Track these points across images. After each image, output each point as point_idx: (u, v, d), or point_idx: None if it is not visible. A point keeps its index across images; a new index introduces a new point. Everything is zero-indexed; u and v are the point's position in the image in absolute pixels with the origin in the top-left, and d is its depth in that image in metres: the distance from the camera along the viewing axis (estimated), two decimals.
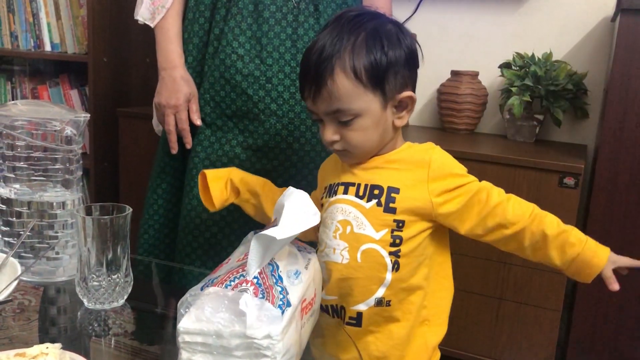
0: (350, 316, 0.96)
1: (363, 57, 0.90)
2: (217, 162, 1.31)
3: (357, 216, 0.94)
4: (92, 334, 0.85)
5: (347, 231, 0.94)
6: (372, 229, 0.93)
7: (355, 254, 0.93)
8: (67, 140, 0.97)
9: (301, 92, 0.96)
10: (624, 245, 1.49)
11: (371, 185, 0.95)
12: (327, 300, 0.98)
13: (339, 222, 0.95)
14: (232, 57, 1.26)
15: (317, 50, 0.90)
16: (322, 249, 0.99)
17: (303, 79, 0.94)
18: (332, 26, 0.92)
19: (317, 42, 0.92)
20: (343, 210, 0.96)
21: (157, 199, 1.42)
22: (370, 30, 0.91)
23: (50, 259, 0.97)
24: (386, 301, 0.95)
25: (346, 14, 0.94)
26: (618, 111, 1.46)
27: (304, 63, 0.94)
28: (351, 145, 0.94)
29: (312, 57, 0.91)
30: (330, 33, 0.91)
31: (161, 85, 1.31)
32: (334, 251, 0.95)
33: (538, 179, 1.53)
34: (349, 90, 0.90)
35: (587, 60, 1.89)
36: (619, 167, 1.47)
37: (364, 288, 0.94)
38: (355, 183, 0.97)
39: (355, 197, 0.95)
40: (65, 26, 2.31)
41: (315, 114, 0.95)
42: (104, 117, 2.27)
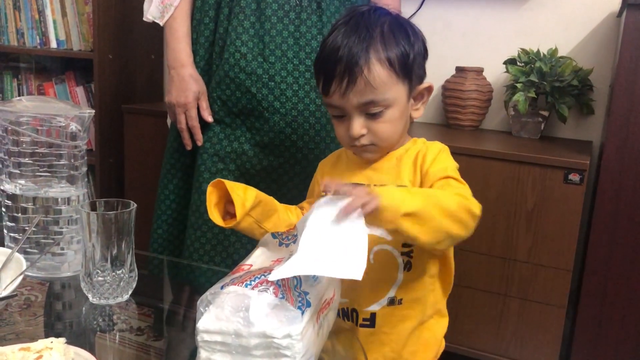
0: (364, 317, 0.96)
1: (394, 47, 0.90)
2: (226, 159, 1.32)
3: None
4: (97, 329, 0.85)
5: None
6: (381, 229, 0.92)
7: (368, 256, 0.92)
8: (72, 136, 0.97)
9: (325, 88, 0.93)
10: (629, 241, 1.48)
11: (380, 186, 0.93)
12: (339, 303, 0.98)
13: None
14: (236, 55, 1.26)
15: (347, 44, 0.89)
16: None
17: (329, 73, 0.91)
18: (349, 24, 0.91)
19: (337, 38, 0.90)
20: None
21: (168, 194, 1.43)
22: (390, 22, 0.92)
23: (55, 254, 0.98)
24: (398, 300, 0.96)
25: (357, 11, 0.93)
26: (624, 107, 1.45)
27: (329, 57, 0.91)
28: (379, 138, 0.94)
29: (342, 51, 0.89)
30: (352, 29, 0.90)
31: (171, 84, 1.32)
32: None
33: (543, 175, 1.52)
34: (385, 79, 0.90)
35: (592, 56, 1.88)
36: (625, 163, 1.46)
37: (376, 288, 0.94)
38: (363, 184, 0.95)
39: None
40: (71, 23, 2.32)
41: (340, 108, 0.93)
42: (109, 113, 2.28)
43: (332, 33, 0.92)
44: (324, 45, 0.93)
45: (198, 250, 1.34)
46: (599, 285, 1.53)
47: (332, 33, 0.93)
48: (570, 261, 1.55)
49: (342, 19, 0.93)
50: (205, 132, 1.33)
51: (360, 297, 0.95)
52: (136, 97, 2.39)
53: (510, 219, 1.57)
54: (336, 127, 0.97)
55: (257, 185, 1.32)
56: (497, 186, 1.58)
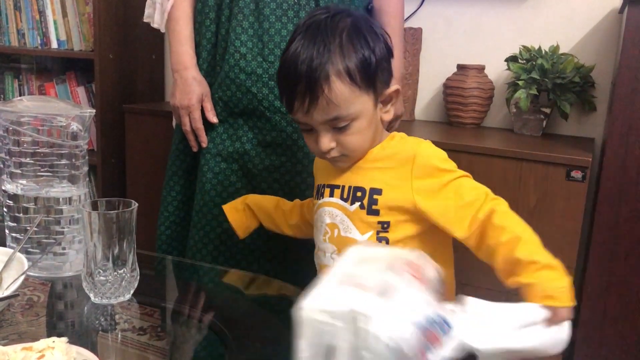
0: None
1: (353, 58, 0.87)
2: (229, 159, 1.32)
3: (343, 219, 0.94)
4: (99, 329, 0.85)
5: (335, 234, 0.95)
6: (357, 232, 0.93)
7: None
8: (73, 135, 0.97)
9: (288, 106, 0.91)
10: (632, 238, 1.48)
11: (354, 187, 0.94)
12: None
13: (327, 226, 0.96)
14: (235, 56, 1.26)
15: (305, 60, 0.86)
16: (316, 250, 1.01)
17: (290, 92, 0.89)
18: (308, 32, 0.88)
19: (296, 51, 0.87)
20: (330, 213, 0.96)
21: (175, 195, 1.43)
22: (350, 28, 0.88)
23: (57, 254, 0.98)
24: None
25: (316, 17, 0.90)
26: (626, 104, 1.45)
27: (288, 76, 0.89)
28: (349, 149, 0.92)
29: (300, 68, 0.86)
30: (310, 39, 0.87)
31: (174, 87, 1.33)
32: (324, 254, 0.97)
33: (545, 173, 1.52)
34: (347, 94, 0.87)
35: (594, 52, 1.88)
36: (627, 160, 1.46)
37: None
38: (339, 185, 0.96)
39: (340, 199, 0.95)
40: (72, 23, 2.32)
41: (306, 124, 0.92)
42: (110, 113, 2.28)
43: (291, 44, 0.89)
44: (284, 58, 0.90)
45: (201, 250, 1.34)
46: (602, 283, 1.52)
47: (291, 44, 0.89)
48: (572, 259, 1.54)
49: (301, 27, 0.90)
50: (209, 132, 1.33)
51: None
52: (137, 97, 2.39)
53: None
54: (306, 140, 0.96)
55: (259, 184, 1.33)
56: (498, 184, 1.58)
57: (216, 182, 1.32)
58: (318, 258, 1.00)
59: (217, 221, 1.32)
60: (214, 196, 1.32)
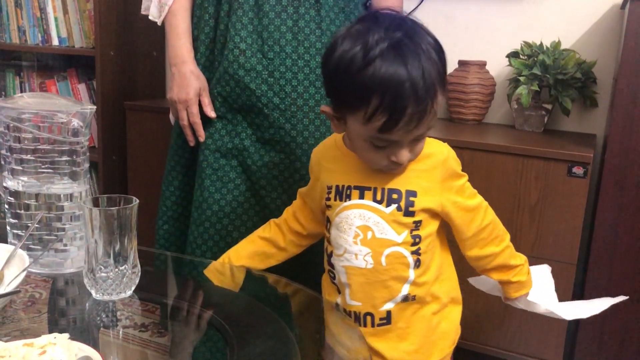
0: (380, 317, 0.97)
1: (443, 70, 0.86)
2: (228, 155, 1.32)
3: (377, 221, 0.93)
4: (101, 325, 0.85)
5: (369, 237, 0.93)
6: (394, 233, 0.93)
7: (380, 258, 0.93)
8: (74, 132, 0.97)
9: (384, 127, 0.83)
10: (633, 235, 1.48)
11: (388, 189, 0.93)
12: (352, 307, 0.98)
13: (358, 228, 0.94)
14: (235, 52, 1.26)
15: (412, 82, 0.80)
16: (340, 253, 0.97)
17: (398, 115, 0.82)
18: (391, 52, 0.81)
19: (394, 74, 0.80)
20: (362, 215, 0.94)
21: (174, 190, 1.43)
22: (429, 41, 0.86)
23: (58, 251, 0.98)
24: (411, 296, 0.96)
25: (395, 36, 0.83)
26: (627, 100, 1.45)
27: (395, 101, 0.81)
28: (415, 155, 0.91)
29: (407, 91, 0.80)
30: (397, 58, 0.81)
31: (172, 81, 1.32)
32: (356, 257, 0.94)
33: (546, 169, 1.52)
34: (442, 104, 0.89)
35: (596, 48, 1.87)
36: (629, 156, 1.45)
37: (390, 288, 0.95)
38: (371, 187, 0.94)
39: (373, 202, 0.93)
40: (73, 20, 2.32)
41: (388, 141, 0.86)
42: (111, 110, 2.28)
43: (369, 66, 0.81)
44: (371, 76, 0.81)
45: (201, 246, 1.34)
46: (603, 278, 1.52)
47: (368, 66, 0.81)
48: (574, 255, 1.54)
49: (379, 43, 0.81)
50: (207, 128, 1.33)
51: (375, 298, 0.96)
52: (138, 93, 2.39)
53: (513, 212, 1.57)
54: (368, 153, 0.89)
55: (258, 181, 1.33)
56: (500, 180, 1.57)
57: (215, 178, 1.32)
58: (346, 261, 0.96)
59: (217, 217, 1.32)
60: (214, 192, 1.32)
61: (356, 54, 0.82)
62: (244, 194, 1.34)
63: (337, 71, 0.85)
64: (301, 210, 1.10)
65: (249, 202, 1.34)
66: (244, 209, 1.34)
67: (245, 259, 1.10)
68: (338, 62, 0.84)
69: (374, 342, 0.97)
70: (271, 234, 1.12)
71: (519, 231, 1.57)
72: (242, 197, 1.34)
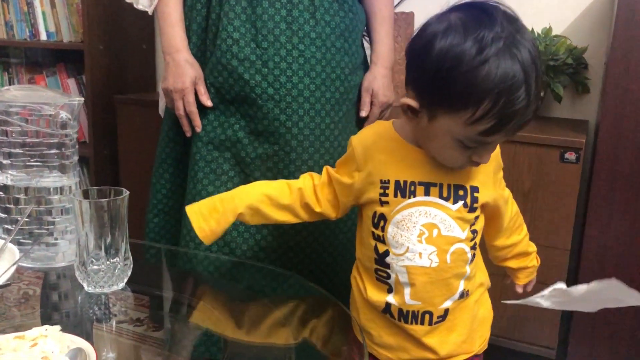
0: (438, 315, 0.94)
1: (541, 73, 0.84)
2: (221, 147, 1.31)
3: (444, 219, 0.89)
4: (94, 318, 0.85)
5: (434, 234, 0.89)
6: (460, 230, 0.90)
7: (445, 256, 0.90)
8: (62, 124, 0.96)
9: (487, 132, 0.79)
10: (626, 219, 1.48)
11: (454, 185, 0.89)
12: (411, 306, 0.93)
13: (423, 226, 0.89)
14: (228, 41, 1.25)
15: (531, 88, 0.76)
16: (401, 252, 0.91)
17: (504, 123, 0.78)
18: (504, 51, 0.75)
19: (513, 79, 0.75)
20: (427, 213, 0.89)
21: (164, 183, 1.42)
22: (532, 40, 0.82)
23: (49, 244, 0.97)
24: (466, 292, 0.95)
25: (508, 27, 0.77)
26: (619, 85, 1.45)
27: (511, 105, 0.76)
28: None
29: (521, 102, 0.76)
30: (525, 58, 0.76)
31: (166, 71, 1.31)
32: (420, 256, 0.90)
33: (539, 155, 1.52)
34: None
35: (587, 34, 1.87)
36: (621, 141, 1.46)
37: (450, 286, 0.93)
38: (437, 183, 0.89)
39: (439, 199, 0.89)
40: (61, 14, 2.30)
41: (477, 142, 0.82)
42: (101, 104, 2.26)
43: (489, 62, 0.75)
44: (486, 77, 0.75)
45: (195, 239, 1.33)
46: (597, 263, 1.53)
47: (487, 62, 0.75)
48: (567, 240, 1.55)
49: (494, 41, 0.75)
50: (200, 119, 1.32)
51: (436, 297, 0.93)
52: (129, 87, 2.37)
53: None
54: (451, 152, 0.85)
55: (252, 173, 1.32)
56: None
57: (208, 171, 1.31)
58: (408, 261, 0.91)
59: None
60: (207, 184, 1.31)
61: (467, 50, 0.75)
62: (237, 186, 1.33)
63: (440, 66, 0.77)
64: (323, 188, 0.99)
65: None
66: None
67: (243, 208, 0.96)
68: (442, 57, 0.76)
69: (426, 339, 0.95)
70: (275, 190, 0.98)
71: None
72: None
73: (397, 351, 0.96)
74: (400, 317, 0.93)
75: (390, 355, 0.97)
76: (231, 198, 0.97)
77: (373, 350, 0.99)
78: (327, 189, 1.00)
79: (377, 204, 0.92)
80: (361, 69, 1.40)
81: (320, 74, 1.28)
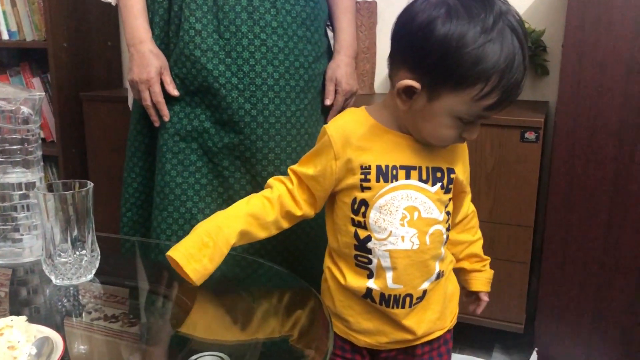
0: (417, 297, 0.95)
1: None
2: (187, 137, 1.32)
3: (424, 201, 0.91)
4: (64, 311, 0.86)
5: (415, 217, 0.91)
6: (438, 211, 0.92)
7: (424, 238, 0.92)
8: (24, 120, 0.96)
9: (492, 107, 0.84)
10: (586, 193, 1.53)
11: (432, 167, 0.92)
12: (393, 290, 0.94)
13: (405, 209, 0.91)
14: (190, 32, 1.26)
15: (526, 63, 0.83)
16: (384, 237, 0.91)
17: (509, 94, 0.83)
18: (496, 32, 0.80)
19: (508, 56, 0.80)
20: (408, 196, 0.91)
21: (135, 177, 1.42)
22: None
23: (16, 240, 0.98)
24: (441, 272, 0.98)
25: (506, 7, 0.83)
26: (574, 66, 1.49)
27: (514, 79, 0.82)
28: None
29: (523, 70, 0.83)
30: (522, 36, 0.82)
31: (131, 62, 1.31)
32: (402, 239, 0.91)
33: (500, 135, 1.56)
34: None
35: (544, 17, 1.91)
36: (578, 119, 1.50)
37: (428, 267, 0.94)
38: (416, 166, 0.91)
39: (419, 181, 0.91)
40: (22, 13, 2.27)
41: (480, 118, 0.87)
42: (68, 102, 2.24)
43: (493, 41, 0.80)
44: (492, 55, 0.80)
45: (165, 231, 1.34)
46: (560, 239, 1.58)
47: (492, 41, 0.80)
48: (530, 218, 1.59)
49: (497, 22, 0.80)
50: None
51: (416, 278, 0.94)
52: (95, 84, 2.35)
53: (470, 180, 1.60)
54: (446, 130, 0.87)
55: (220, 162, 1.33)
56: None
57: (176, 162, 1.32)
58: (391, 245, 0.92)
59: (180, 201, 1.32)
60: (175, 176, 1.32)
61: (473, 30, 0.79)
62: (206, 176, 1.34)
63: (447, 48, 0.80)
64: (298, 190, 0.98)
65: (212, 184, 1.35)
66: (207, 191, 1.34)
67: (235, 237, 0.92)
68: (449, 39, 0.80)
69: (405, 321, 0.96)
70: (259, 209, 0.95)
71: (477, 198, 1.61)
72: (204, 180, 1.34)
73: (375, 335, 0.98)
74: (382, 301, 0.94)
75: (368, 340, 0.98)
76: (218, 228, 0.91)
77: (350, 336, 0.99)
78: (300, 189, 0.98)
79: (357, 190, 0.92)
80: (325, 57, 1.42)
81: (284, 62, 1.30)
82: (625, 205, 1.50)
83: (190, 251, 0.88)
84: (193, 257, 0.88)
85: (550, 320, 1.63)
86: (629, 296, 1.55)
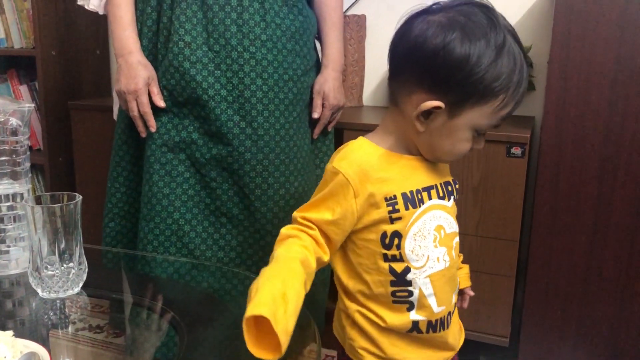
0: (450, 311, 0.95)
1: None
2: (175, 148, 1.32)
3: (446, 217, 0.92)
4: (49, 324, 0.85)
5: (442, 235, 0.91)
6: (455, 224, 0.94)
7: (452, 253, 0.93)
8: (13, 131, 0.96)
9: (509, 114, 0.87)
10: (571, 209, 1.55)
11: (443, 182, 0.94)
12: (438, 314, 0.92)
13: (435, 230, 0.91)
14: (180, 44, 1.26)
15: (523, 67, 0.86)
16: (422, 264, 0.89)
17: (521, 98, 0.87)
18: (515, 37, 0.86)
19: (522, 58, 0.85)
20: (434, 216, 0.91)
21: (119, 187, 1.42)
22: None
23: (2, 252, 0.97)
24: (458, 282, 1.00)
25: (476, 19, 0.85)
26: (560, 82, 1.51)
27: (524, 84, 0.86)
28: None
29: (524, 74, 0.86)
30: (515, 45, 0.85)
31: (119, 72, 1.31)
32: (437, 260, 0.90)
33: (486, 150, 1.57)
34: None
35: (530, 33, 1.94)
36: (563, 135, 1.52)
37: (454, 281, 0.96)
38: (433, 185, 0.92)
39: (438, 199, 0.92)
40: (10, 20, 2.26)
41: (491, 127, 0.88)
42: (55, 111, 2.23)
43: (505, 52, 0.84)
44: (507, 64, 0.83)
45: (152, 242, 1.34)
46: (545, 253, 1.59)
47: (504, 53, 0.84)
48: (516, 232, 1.61)
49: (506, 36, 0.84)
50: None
51: (449, 296, 0.94)
52: (83, 93, 2.34)
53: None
54: (464, 144, 0.88)
55: (208, 173, 1.34)
56: None
57: (164, 173, 1.32)
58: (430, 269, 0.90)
59: (167, 212, 1.32)
60: (162, 187, 1.32)
61: (487, 48, 0.82)
62: (193, 187, 1.34)
63: (469, 67, 0.82)
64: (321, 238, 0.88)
65: (199, 195, 1.35)
66: (195, 202, 1.34)
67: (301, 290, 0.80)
68: (468, 59, 0.82)
69: (450, 339, 0.96)
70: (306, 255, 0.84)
71: (464, 212, 1.62)
72: (192, 191, 1.34)
73: None
74: (429, 328, 0.92)
75: None
76: (293, 288, 0.77)
77: None
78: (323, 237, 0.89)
79: (384, 224, 0.88)
80: (314, 71, 1.43)
81: (273, 75, 1.31)
82: (609, 220, 1.52)
83: (287, 329, 0.71)
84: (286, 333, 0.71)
85: (536, 334, 1.65)
86: (614, 309, 1.57)
